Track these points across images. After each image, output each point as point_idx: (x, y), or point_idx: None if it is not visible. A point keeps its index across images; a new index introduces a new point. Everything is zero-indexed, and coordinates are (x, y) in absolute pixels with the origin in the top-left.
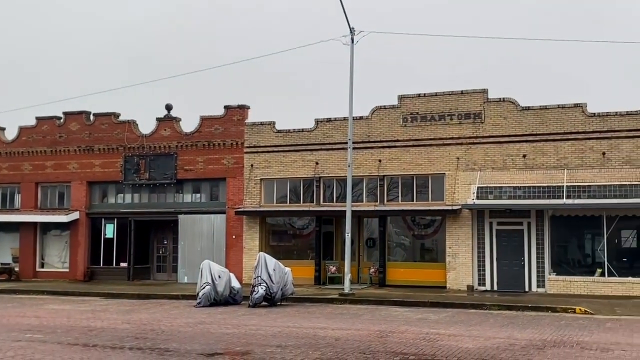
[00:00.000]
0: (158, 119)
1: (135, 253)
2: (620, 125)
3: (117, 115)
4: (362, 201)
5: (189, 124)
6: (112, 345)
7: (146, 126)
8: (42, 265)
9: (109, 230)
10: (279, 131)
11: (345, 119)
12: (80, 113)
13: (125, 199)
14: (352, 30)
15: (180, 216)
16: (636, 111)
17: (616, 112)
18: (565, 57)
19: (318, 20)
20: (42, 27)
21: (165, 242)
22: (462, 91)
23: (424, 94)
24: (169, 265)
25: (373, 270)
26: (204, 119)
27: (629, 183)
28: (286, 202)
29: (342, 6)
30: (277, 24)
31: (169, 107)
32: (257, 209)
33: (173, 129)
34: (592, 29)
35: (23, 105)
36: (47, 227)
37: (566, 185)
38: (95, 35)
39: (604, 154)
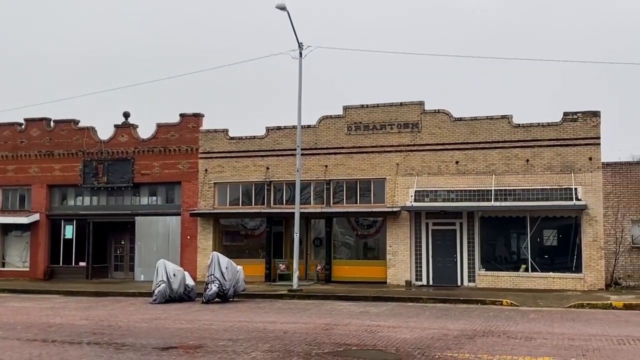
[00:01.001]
0: (116, 126)
1: (93, 253)
2: (542, 135)
3: (76, 122)
4: (310, 203)
5: (146, 131)
6: (71, 340)
7: (105, 132)
8: (3, 265)
9: (69, 231)
10: (232, 138)
11: (294, 127)
12: (40, 120)
13: (84, 201)
14: (300, 45)
15: (137, 218)
16: (556, 122)
17: (538, 123)
18: (495, 73)
19: (272, 35)
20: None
21: (123, 243)
22: (401, 103)
23: (367, 105)
24: (126, 264)
25: (320, 267)
26: (160, 126)
27: (550, 187)
28: (239, 205)
29: (291, 23)
30: (233, 38)
31: (126, 115)
32: (211, 211)
33: (130, 135)
34: (522, 50)
35: None
36: (8, 228)
37: (494, 189)
38: (55, 43)
39: (527, 160)
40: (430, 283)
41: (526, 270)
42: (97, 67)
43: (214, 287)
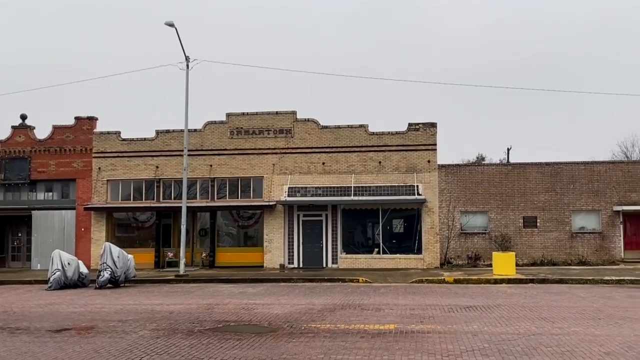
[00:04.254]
0: (13, 127)
1: None
2: (391, 142)
3: None
4: (197, 198)
5: (43, 132)
6: None
7: (2, 133)
8: None
9: None
10: (124, 139)
11: (182, 130)
12: None
13: None
14: (187, 58)
15: (34, 212)
16: (402, 131)
17: (389, 132)
18: (357, 88)
19: (166, 47)
20: None
21: (20, 235)
22: (277, 112)
23: (247, 112)
24: (23, 254)
25: (205, 255)
26: (56, 128)
27: (397, 184)
28: (130, 200)
29: (178, 38)
30: (127, 48)
31: (23, 117)
32: (104, 206)
33: (27, 135)
34: (384, 69)
35: None
36: None
37: (353, 186)
38: None
39: (380, 162)
40: (301, 265)
41: (378, 253)
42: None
43: (106, 274)
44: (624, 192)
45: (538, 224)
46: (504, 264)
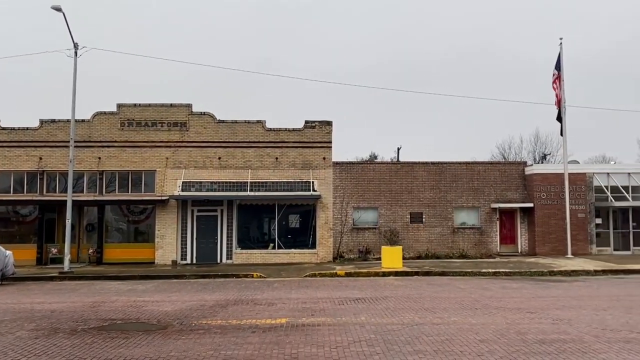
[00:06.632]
0: None
1: None
2: (288, 138)
3: None
4: (84, 192)
5: None
6: None
7: None
8: None
9: None
10: (3, 128)
11: (68, 120)
12: None
13: None
14: (75, 45)
15: None
16: (299, 128)
17: (285, 129)
18: (256, 84)
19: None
20: None
21: None
22: (171, 104)
23: (140, 104)
24: None
25: (92, 251)
26: None
27: (293, 180)
28: (10, 193)
29: (66, 23)
30: (14, 33)
31: None
32: None
33: None
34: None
35: None
36: None
37: (250, 181)
38: None
39: (277, 158)
40: (194, 262)
41: (274, 248)
42: None
43: None
44: (501, 191)
45: (424, 219)
46: (392, 257)
